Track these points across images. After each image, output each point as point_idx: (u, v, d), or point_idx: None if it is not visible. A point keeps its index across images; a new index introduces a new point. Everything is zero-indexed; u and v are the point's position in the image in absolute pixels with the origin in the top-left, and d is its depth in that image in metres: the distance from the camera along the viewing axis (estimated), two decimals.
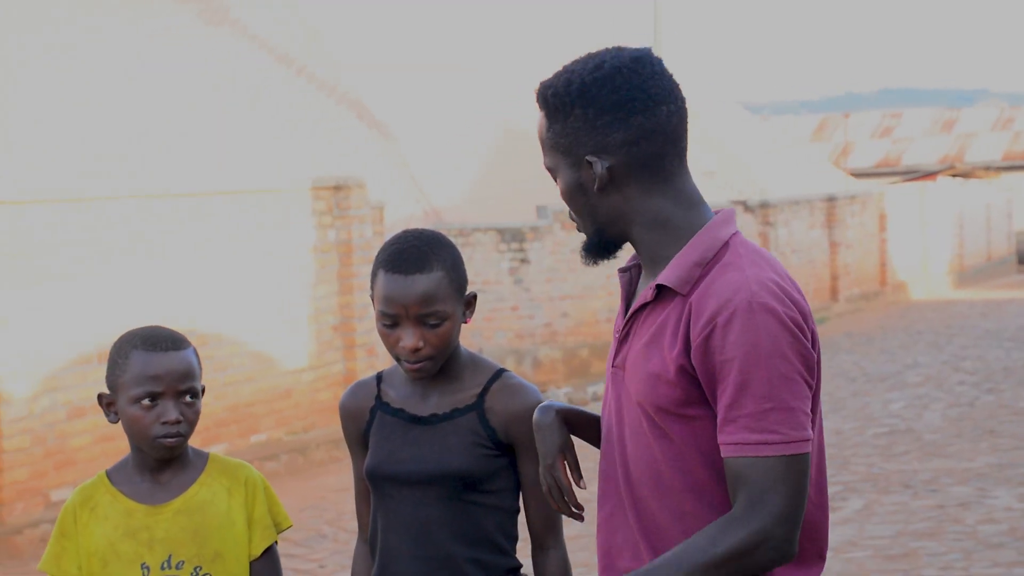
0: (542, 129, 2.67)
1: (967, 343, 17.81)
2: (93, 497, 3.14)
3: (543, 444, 2.77)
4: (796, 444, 2.47)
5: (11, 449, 9.08)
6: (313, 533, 9.22)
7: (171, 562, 3.11)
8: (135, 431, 3.10)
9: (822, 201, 22.97)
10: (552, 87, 2.65)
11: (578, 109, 2.61)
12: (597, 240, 2.69)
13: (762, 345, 2.47)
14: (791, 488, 2.46)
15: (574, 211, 2.69)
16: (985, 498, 9.23)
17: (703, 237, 2.60)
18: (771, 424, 2.46)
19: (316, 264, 12.06)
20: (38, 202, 9.41)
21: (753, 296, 2.49)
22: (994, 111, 42.53)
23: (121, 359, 3.11)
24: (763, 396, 2.46)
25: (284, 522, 3.24)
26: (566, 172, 2.65)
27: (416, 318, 3.07)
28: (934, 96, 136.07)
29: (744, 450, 2.47)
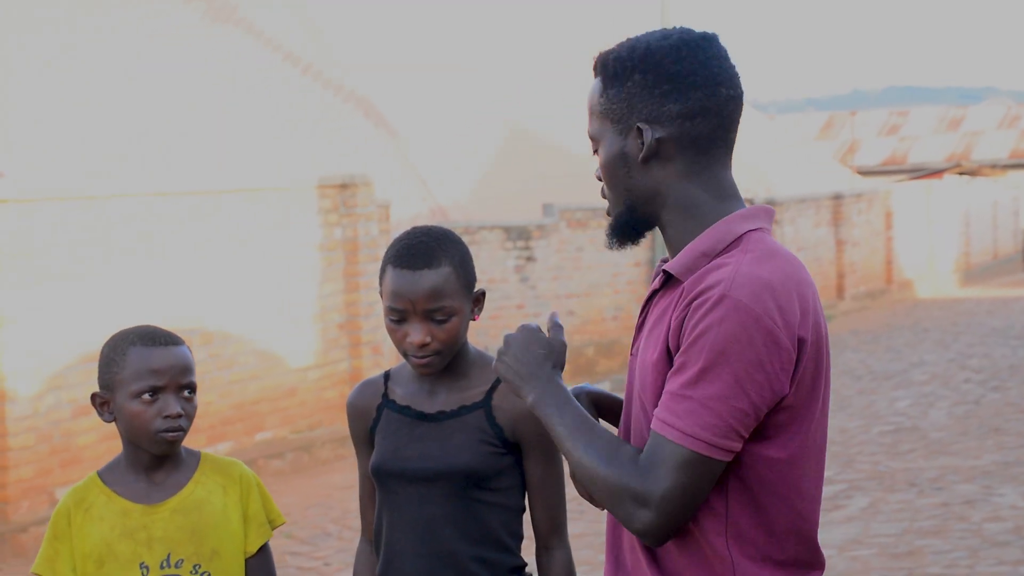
0: (594, 95, 2.64)
1: (973, 341, 17.79)
2: (87, 498, 3.14)
3: None
4: (700, 443, 2.43)
5: (16, 447, 9.10)
6: (318, 531, 9.23)
7: (170, 561, 3.11)
8: (135, 426, 3.10)
9: (828, 199, 22.95)
10: (615, 52, 2.63)
11: (638, 74, 2.58)
12: (627, 219, 2.64)
13: (714, 339, 2.43)
14: (680, 481, 2.44)
15: (609, 184, 2.64)
16: (991, 496, 9.22)
17: (717, 229, 2.57)
18: (684, 413, 2.44)
19: (322, 262, 12.06)
20: (43, 200, 9.42)
21: (729, 290, 2.45)
22: (1001, 109, 42.47)
23: (118, 356, 3.12)
24: (690, 384, 2.44)
25: (277, 519, 3.26)
26: (611, 139, 2.61)
27: (423, 313, 3.08)
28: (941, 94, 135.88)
29: (657, 426, 2.47)
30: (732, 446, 2.44)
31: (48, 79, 17.39)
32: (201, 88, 18.73)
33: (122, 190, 10.34)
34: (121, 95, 17.82)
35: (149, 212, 10.39)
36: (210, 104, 18.59)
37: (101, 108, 17.49)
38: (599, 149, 2.64)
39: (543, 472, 3.15)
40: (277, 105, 19.19)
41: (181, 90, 18.50)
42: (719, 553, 2.52)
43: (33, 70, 17.35)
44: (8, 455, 9.05)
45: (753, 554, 2.53)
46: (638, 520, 2.47)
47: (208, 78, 18.96)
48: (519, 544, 3.20)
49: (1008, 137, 39.93)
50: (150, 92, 18.16)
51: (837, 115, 43.43)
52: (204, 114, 18.39)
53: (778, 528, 2.54)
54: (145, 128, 17.56)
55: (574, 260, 16.67)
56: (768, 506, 2.52)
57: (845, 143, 40.37)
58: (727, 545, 2.52)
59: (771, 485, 2.52)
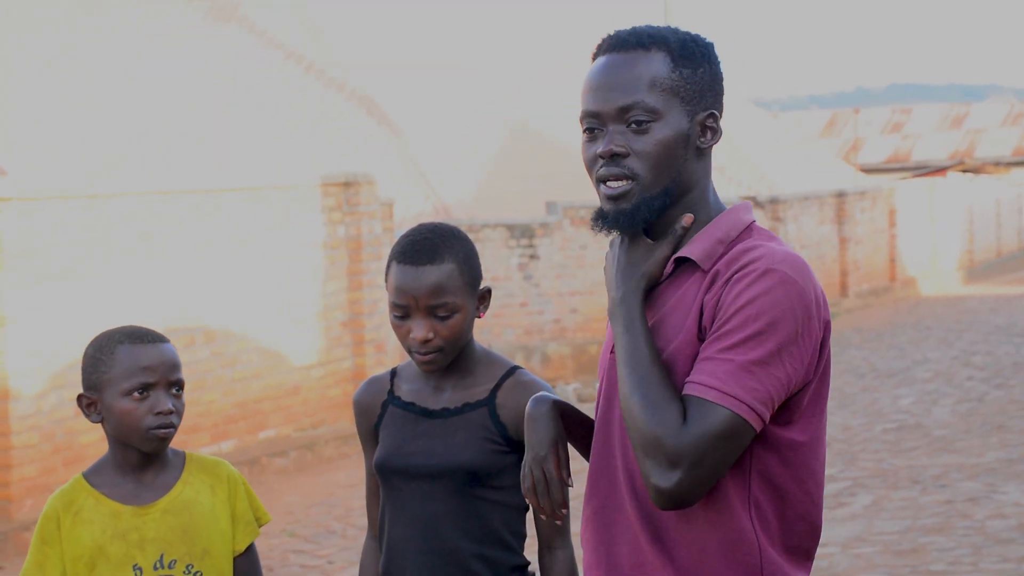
0: (659, 68, 2.58)
1: (977, 338, 17.79)
2: (75, 501, 3.12)
3: (535, 435, 2.68)
4: (741, 406, 2.42)
5: (20, 446, 9.10)
6: (322, 529, 9.23)
7: (163, 561, 3.11)
8: (126, 424, 3.09)
9: (832, 197, 22.94)
10: (679, 35, 2.62)
11: (707, 64, 2.61)
12: (658, 204, 2.58)
13: (760, 307, 2.44)
14: (714, 444, 2.41)
15: (659, 163, 2.57)
16: (994, 493, 9.21)
17: (727, 218, 2.60)
18: (726, 375, 2.42)
19: (325, 260, 12.06)
20: (45, 199, 9.42)
21: (773, 264, 2.48)
22: (1004, 106, 42.46)
23: (105, 356, 3.12)
24: (732, 348, 2.43)
25: (264, 517, 3.26)
26: (677, 119, 2.58)
27: (426, 309, 3.08)
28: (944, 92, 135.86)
29: (694, 389, 2.43)
30: (765, 415, 2.44)
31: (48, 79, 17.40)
32: (202, 87, 18.73)
33: (124, 189, 10.34)
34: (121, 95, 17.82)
35: (151, 211, 10.39)
36: (211, 103, 18.59)
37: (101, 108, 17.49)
38: (655, 124, 2.57)
39: None
40: (279, 104, 19.19)
41: (182, 90, 18.50)
42: (746, 538, 2.51)
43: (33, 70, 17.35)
44: (11, 454, 9.05)
45: (773, 539, 2.54)
46: (665, 479, 2.40)
47: (209, 77, 18.97)
48: (522, 543, 3.20)
49: (1011, 134, 39.91)
50: (150, 92, 18.17)
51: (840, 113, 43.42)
52: (205, 113, 18.39)
53: (791, 513, 2.55)
54: (146, 128, 17.57)
55: (577, 258, 16.67)
56: (787, 490, 2.54)
57: (848, 141, 40.36)
58: (754, 529, 2.52)
59: (792, 468, 2.53)
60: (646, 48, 2.60)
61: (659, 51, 2.59)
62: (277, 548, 8.72)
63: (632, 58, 2.59)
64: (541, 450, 2.66)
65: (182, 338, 10.51)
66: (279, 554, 8.59)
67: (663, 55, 2.59)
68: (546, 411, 2.69)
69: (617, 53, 2.62)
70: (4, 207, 9.08)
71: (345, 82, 19.94)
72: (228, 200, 11.15)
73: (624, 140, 2.57)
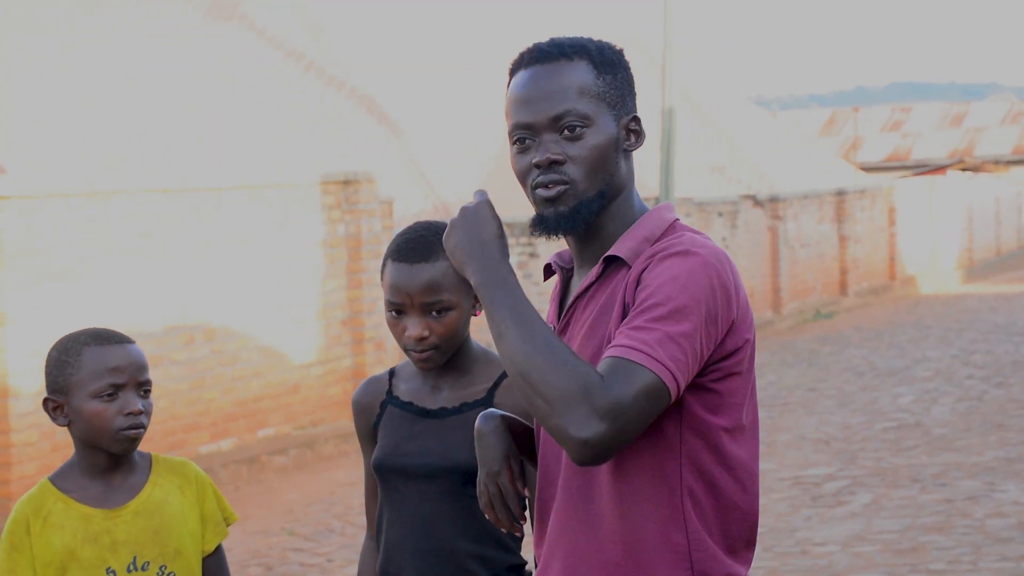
0: (582, 76, 2.65)
1: (976, 337, 17.79)
2: (44, 506, 3.09)
3: (488, 451, 2.70)
4: (666, 372, 2.44)
5: (19, 444, 9.11)
6: (321, 527, 9.23)
7: (136, 563, 3.09)
8: (96, 426, 3.07)
9: (831, 195, 22.94)
10: (596, 44, 2.69)
11: (622, 69, 2.69)
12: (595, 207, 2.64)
13: (684, 284, 2.50)
14: (640, 403, 2.42)
15: (593, 168, 2.63)
16: (994, 492, 9.21)
17: (651, 217, 2.68)
18: (654, 342, 2.45)
19: (325, 259, 12.07)
20: (45, 198, 9.43)
21: (693, 247, 2.55)
22: (1004, 105, 42.46)
23: (71, 358, 3.09)
24: (659, 320, 2.47)
25: (231, 517, 3.25)
26: (607, 124, 2.65)
27: (421, 307, 3.09)
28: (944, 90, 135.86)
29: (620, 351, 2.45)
30: (682, 385, 2.48)
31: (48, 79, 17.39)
32: (202, 87, 18.73)
33: (125, 187, 10.34)
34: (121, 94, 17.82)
35: (151, 210, 10.39)
36: (211, 102, 18.59)
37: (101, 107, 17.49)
38: (587, 131, 2.63)
39: None
40: (279, 103, 19.19)
41: (182, 89, 18.50)
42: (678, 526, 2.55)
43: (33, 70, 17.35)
44: (11, 452, 9.06)
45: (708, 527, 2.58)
46: (588, 428, 2.39)
47: (209, 76, 18.97)
48: (519, 542, 3.19)
49: (1011, 133, 39.92)
50: (150, 91, 18.17)
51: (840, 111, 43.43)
52: (205, 112, 18.39)
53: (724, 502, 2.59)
54: (146, 127, 17.57)
55: None
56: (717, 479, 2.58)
57: (848, 139, 40.36)
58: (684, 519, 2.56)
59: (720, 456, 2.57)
60: (569, 58, 2.66)
61: (581, 60, 2.66)
62: (277, 546, 8.72)
63: (557, 68, 2.65)
64: (494, 465, 2.69)
65: (182, 336, 10.51)
66: (278, 552, 8.59)
67: (585, 63, 2.66)
68: (495, 427, 2.71)
69: (540, 65, 2.67)
70: (4, 206, 9.08)
71: (345, 81, 19.94)
72: (228, 199, 11.15)
73: (559, 148, 2.63)
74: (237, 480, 10.68)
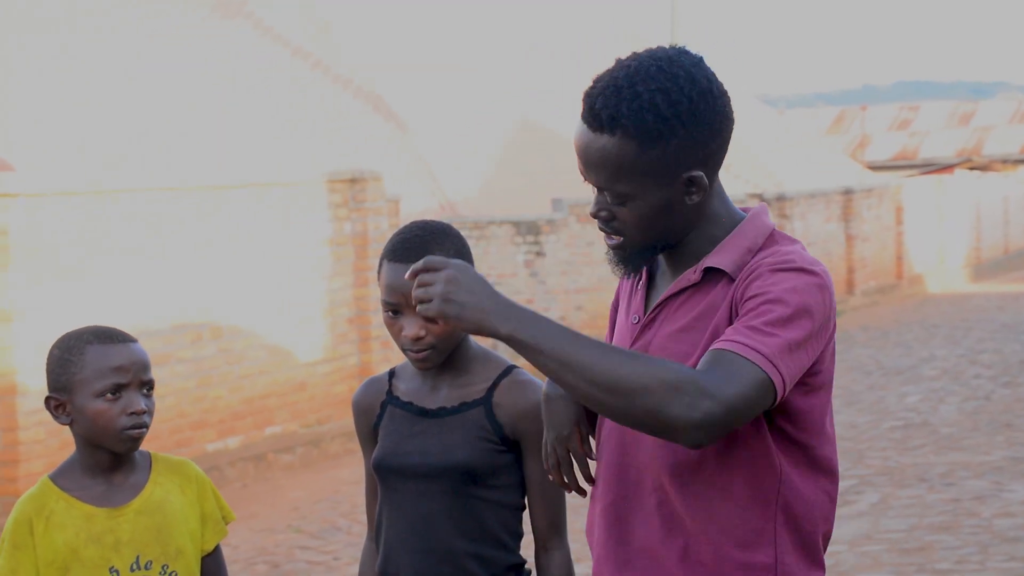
0: (625, 154, 2.53)
1: (984, 336, 17.76)
2: (46, 505, 3.07)
3: (555, 415, 2.69)
4: (777, 375, 2.44)
5: (27, 441, 9.11)
6: (327, 525, 9.23)
7: (140, 563, 3.08)
8: (99, 426, 3.05)
9: (838, 194, 22.92)
10: (650, 109, 2.52)
11: (683, 129, 2.54)
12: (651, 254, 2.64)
13: (801, 297, 2.49)
14: (748, 394, 2.41)
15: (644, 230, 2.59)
16: (1001, 491, 9.20)
17: (752, 225, 2.64)
18: (774, 346, 2.45)
19: (332, 257, 12.06)
20: (51, 195, 9.43)
21: (805, 265, 2.53)
22: (1012, 104, 42.38)
23: (75, 357, 3.07)
24: (777, 324, 2.46)
25: (229, 516, 3.25)
26: (654, 194, 2.56)
27: None
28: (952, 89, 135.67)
29: (735, 347, 2.44)
30: (788, 387, 2.48)
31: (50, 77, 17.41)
32: (207, 85, 18.74)
33: (132, 185, 10.35)
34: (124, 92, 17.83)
35: (157, 208, 10.39)
36: (216, 100, 18.59)
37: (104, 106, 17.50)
38: (630, 203, 2.57)
39: (543, 471, 3.14)
40: (285, 101, 19.19)
41: (187, 87, 18.51)
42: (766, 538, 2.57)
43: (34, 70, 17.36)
44: (18, 449, 9.06)
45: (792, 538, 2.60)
46: (699, 409, 2.37)
47: (215, 74, 18.97)
48: (518, 542, 3.19)
49: (1019, 132, 39.84)
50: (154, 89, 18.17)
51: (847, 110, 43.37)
52: (211, 111, 18.39)
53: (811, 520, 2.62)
54: (149, 125, 17.57)
55: (584, 255, 16.66)
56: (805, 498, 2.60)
57: (855, 138, 40.32)
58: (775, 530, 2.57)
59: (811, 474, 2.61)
60: (610, 132, 2.54)
61: (623, 137, 2.54)
62: (283, 544, 8.72)
63: (597, 140, 2.56)
64: (564, 429, 2.69)
65: (188, 334, 10.51)
66: (285, 550, 8.59)
67: (626, 141, 2.54)
68: (563, 391, 2.69)
69: (587, 128, 2.58)
70: (11, 203, 9.09)
71: (351, 79, 19.94)
72: (234, 197, 11.15)
73: (607, 207, 2.60)
74: (244, 478, 10.69)
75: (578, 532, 3.72)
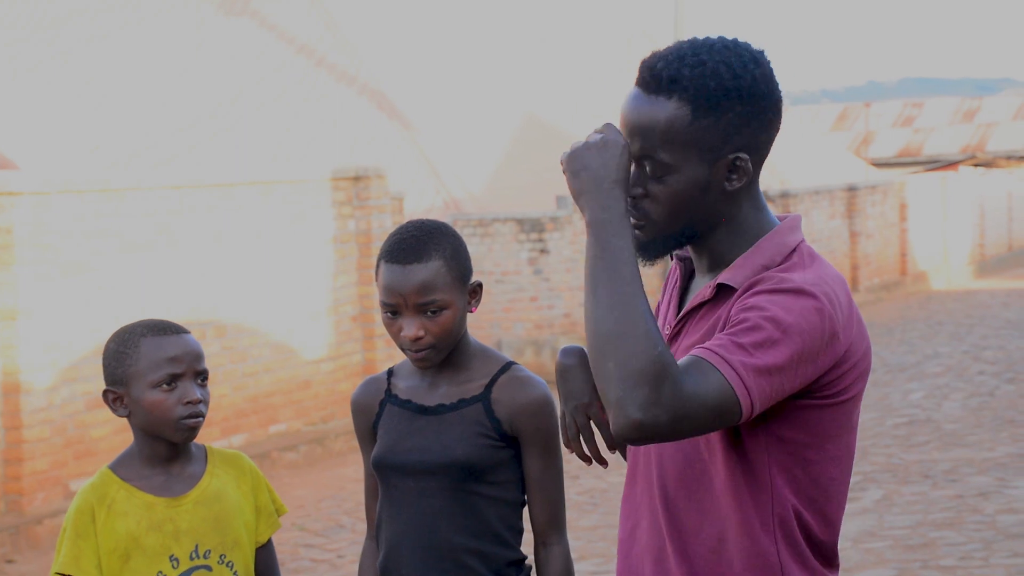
0: (678, 121, 2.49)
1: (988, 333, 17.76)
2: (108, 495, 3.14)
3: (575, 384, 2.66)
4: (745, 395, 2.39)
5: (32, 439, 9.12)
6: (332, 523, 9.25)
7: (199, 551, 3.14)
8: (156, 416, 3.12)
9: (843, 191, 22.91)
10: (713, 76, 2.49)
11: (739, 105, 2.50)
12: (676, 241, 2.59)
13: (792, 319, 2.43)
14: (707, 405, 2.37)
15: (675, 210, 2.54)
16: (1005, 488, 9.20)
17: (772, 241, 2.58)
18: (749, 367, 2.40)
19: (336, 255, 12.07)
20: (58, 193, 9.44)
21: (804, 285, 2.47)
22: (1016, 100, 42.32)
23: (130, 349, 3.14)
24: (759, 346, 2.41)
25: (282, 508, 3.31)
26: (693, 169, 2.51)
27: (415, 307, 3.11)
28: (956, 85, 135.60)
29: (711, 356, 2.40)
30: (756, 412, 2.42)
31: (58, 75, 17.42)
32: (212, 82, 18.75)
33: (137, 183, 10.36)
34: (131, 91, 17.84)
35: (164, 204, 10.40)
36: (225, 96, 18.60)
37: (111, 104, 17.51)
38: (669, 177, 2.52)
39: (542, 467, 3.15)
40: (289, 98, 19.20)
41: (192, 84, 18.52)
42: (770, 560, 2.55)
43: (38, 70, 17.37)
44: (23, 447, 9.07)
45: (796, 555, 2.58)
46: (647, 413, 2.33)
47: (219, 72, 18.98)
48: (518, 538, 3.20)
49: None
50: (160, 87, 18.18)
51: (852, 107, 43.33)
52: (219, 106, 18.40)
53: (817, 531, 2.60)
54: (156, 123, 17.58)
55: None
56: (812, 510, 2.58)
57: (859, 134, 40.29)
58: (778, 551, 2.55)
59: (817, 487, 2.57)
60: (667, 94, 2.50)
61: (680, 99, 2.50)
62: (287, 542, 8.73)
63: (651, 103, 2.51)
64: (584, 397, 2.66)
65: (193, 332, 10.46)
66: (289, 548, 8.61)
67: (683, 104, 2.50)
68: (579, 359, 2.68)
69: (641, 91, 2.53)
70: (17, 201, 9.10)
71: (356, 76, 19.94)
72: (238, 194, 11.16)
73: (642, 183, 2.55)
74: None
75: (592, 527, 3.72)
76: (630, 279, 2.40)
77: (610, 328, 2.38)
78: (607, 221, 2.44)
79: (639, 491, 2.67)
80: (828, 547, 2.60)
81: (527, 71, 22.52)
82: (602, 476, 10.04)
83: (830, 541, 2.60)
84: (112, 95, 17.57)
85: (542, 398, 3.14)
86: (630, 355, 2.35)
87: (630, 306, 2.38)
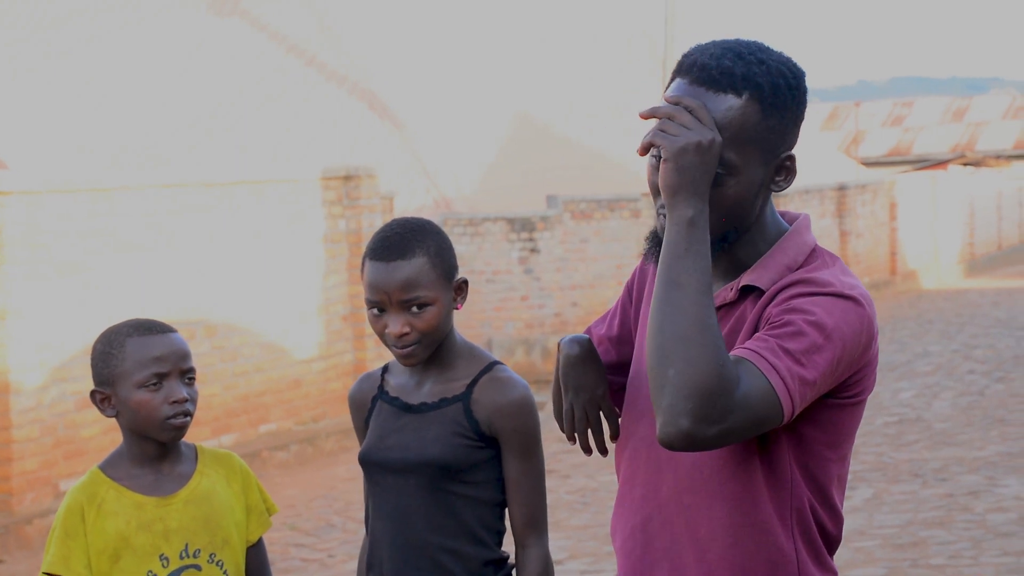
0: (747, 120, 2.44)
1: (978, 332, 17.79)
2: (97, 494, 3.14)
3: (583, 376, 2.66)
4: (788, 400, 2.38)
5: (21, 439, 9.11)
6: (322, 523, 9.24)
7: (188, 551, 3.15)
8: (143, 416, 3.12)
9: (832, 190, 22.94)
10: (780, 76, 2.46)
11: (794, 106, 2.50)
12: (717, 248, 2.54)
13: (833, 324, 2.43)
14: (752, 415, 2.36)
15: (727, 216, 2.49)
16: (995, 487, 9.22)
17: (793, 241, 2.57)
18: (795, 374, 2.39)
19: (326, 254, 12.07)
20: (49, 193, 9.43)
21: (844, 290, 2.46)
22: (1006, 99, 42.42)
23: (115, 350, 3.14)
24: (804, 352, 2.40)
25: (272, 508, 3.32)
26: (755, 169, 2.48)
27: (399, 304, 3.12)
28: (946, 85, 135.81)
29: (756, 359, 2.38)
30: (795, 414, 2.42)
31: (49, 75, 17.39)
32: (207, 80, 18.73)
33: (129, 182, 10.35)
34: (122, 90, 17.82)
35: (155, 204, 10.39)
36: (216, 96, 18.59)
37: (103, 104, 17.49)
38: (731, 179, 2.47)
39: (520, 468, 3.16)
40: (282, 96, 19.19)
41: (183, 84, 18.50)
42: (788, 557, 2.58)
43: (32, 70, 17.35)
44: (12, 447, 9.06)
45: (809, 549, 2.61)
46: (699, 427, 2.32)
47: (214, 70, 18.96)
48: (498, 538, 3.20)
49: (1013, 128, 39.88)
50: (152, 87, 18.16)
51: (841, 106, 43.39)
52: (210, 106, 18.39)
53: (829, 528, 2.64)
54: (148, 123, 17.57)
55: (578, 251, 16.67)
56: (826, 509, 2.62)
57: (849, 134, 40.34)
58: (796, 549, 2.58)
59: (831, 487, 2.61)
60: (737, 92, 2.44)
61: (751, 98, 2.45)
62: (278, 542, 8.73)
63: (719, 101, 2.45)
64: (598, 388, 2.67)
65: (183, 332, 10.47)
66: (280, 548, 8.60)
67: (754, 103, 2.45)
68: (587, 351, 2.68)
69: (704, 88, 2.45)
70: (5, 201, 9.08)
71: (347, 76, 19.94)
72: (228, 194, 11.15)
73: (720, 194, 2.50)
74: None
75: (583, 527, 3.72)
76: (706, 288, 2.38)
77: (679, 332, 2.34)
78: (700, 225, 2.39)
79: (641, 490, 2.66)
80: (836, 541, 2.63)
81: (520, 70, 22.53)
82: (593, 475, 10.05)
83: (837, 535, 2.63)
84: (111, 95, 17.56)
85: (521, 399, 3.14)
86: (693, 365, 2.32)
87: (703, 315, 2.35)
